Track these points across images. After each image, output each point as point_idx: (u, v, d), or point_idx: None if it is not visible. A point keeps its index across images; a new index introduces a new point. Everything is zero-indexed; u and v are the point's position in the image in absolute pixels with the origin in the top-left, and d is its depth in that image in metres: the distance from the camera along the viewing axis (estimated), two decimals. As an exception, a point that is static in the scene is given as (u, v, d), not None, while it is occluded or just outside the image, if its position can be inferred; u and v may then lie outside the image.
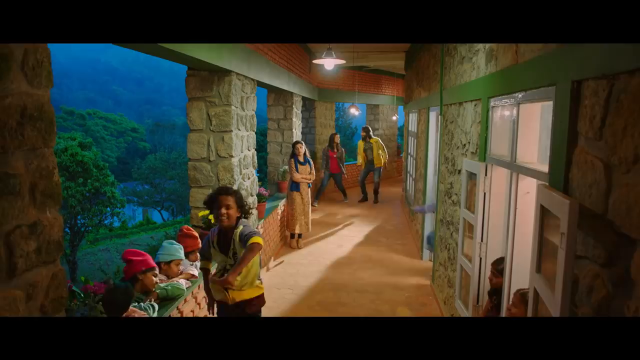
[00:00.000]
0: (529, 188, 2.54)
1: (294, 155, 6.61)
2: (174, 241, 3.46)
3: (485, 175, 3.02)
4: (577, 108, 1.72)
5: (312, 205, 9.65)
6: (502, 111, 2.79)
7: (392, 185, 12.53)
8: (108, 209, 14.16)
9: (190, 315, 3.39)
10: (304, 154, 6.65)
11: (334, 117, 11.47)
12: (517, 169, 2.46)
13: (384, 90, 13.39)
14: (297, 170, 6.51)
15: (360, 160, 10.04)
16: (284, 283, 5.38)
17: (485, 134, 3.05)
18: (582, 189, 1.66)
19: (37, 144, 1.76)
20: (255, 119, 5.12)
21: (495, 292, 2.95)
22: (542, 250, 1.94)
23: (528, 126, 2.46)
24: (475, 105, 3.41)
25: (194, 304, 3.46)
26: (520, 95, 2.36)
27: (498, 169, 2.99)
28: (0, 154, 1.58)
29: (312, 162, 6.83)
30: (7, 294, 1.61)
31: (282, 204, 6.83)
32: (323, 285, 5.28)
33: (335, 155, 9.52)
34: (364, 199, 10.17)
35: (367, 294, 5.03)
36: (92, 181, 13.28)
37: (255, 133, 5.21)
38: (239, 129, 4.50)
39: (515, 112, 2.48)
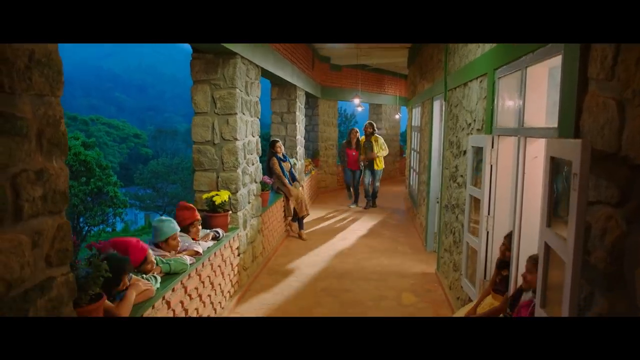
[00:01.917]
0: (537, 152, 2.52)
1: (274, 154, 6.54)
2: (163, 218, 3.33)
3: (492, 147, 3.00)
4: (587, 54, 1.72)
5: (355, 205, 9.11)
6: (509, 80, 2.78)
7: (395, 185, 12.51)
8: (110, 209, 14.13)
9: (194, 292, 3.36)
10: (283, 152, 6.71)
11: (336, 116, 11.48)
12: (525, 133, 2.45)
13: (387, 90, 13.42)
14: (281, 166, 6.50)
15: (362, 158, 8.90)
16: (287, 271, 5.34)
17: (492, 107, 3.04)
18: (593, 132, 1.65)
19: (45, 90, 1.75)
20: (259, 106, 5.12)
21: (505, 264, 2.92)
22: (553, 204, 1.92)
23: (535, 90, 2.45)
24: (481, 81, 3.40)
25: (198, 282, 3.43)
26: (527, 58, 2.35)
27: (504, 140, 2.97)
28: (8, 95, 1.58)
29: (290, 159, 6.88)
30: (13, 237, 1.61)
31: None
32: (327, 274, 5.24)
33: (354, 153, 8.85)
34: (355, 201, 9.18)
35: (372, 281, 4.99)
36: (94, 181, 13.28)
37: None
38: (244, 113, 4.50)
39: (522, 76, 2.47)
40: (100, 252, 2.22)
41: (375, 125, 9.18)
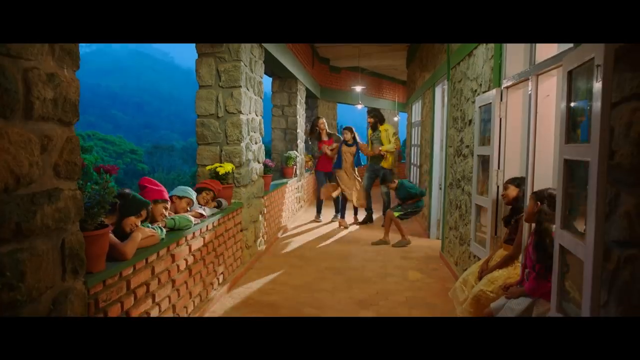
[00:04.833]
0: (548, 91, 2.51)
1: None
2: (189, 187, 3.50)
3: (501, 100, 2.99)
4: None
5: (317, 219, 7.21)
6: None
7: (394, 189, 12.47)
8: (106, 215, 13.92)
9: (198, 253, 3.28)
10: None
11: (336, 118, 11.51)
12: (538, 69, 2.43)
13: (385, 94, 13.52)
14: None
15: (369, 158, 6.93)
16: (289, 253, 5.26)
17: (500, 61, 3.04)
18: (615, 30, 1.63)
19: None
20: (262, 86, 5.11)
21: (512, 214, 2.88)
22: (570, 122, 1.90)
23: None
24: (487, 43, 3.41)
25: (202, 244, 3.36)
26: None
27: (513, 93, 2.97)
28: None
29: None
30: (22, 132, 1.57)
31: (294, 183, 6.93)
32: (330, 255, 5.16)
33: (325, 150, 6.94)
34: (369, 218, 7.11)
35: (376, 262, 4.91)
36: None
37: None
38: (248, 89, 4.49)
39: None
40: (109, 175, 2.17)
41: (380, 113, 7.16)
